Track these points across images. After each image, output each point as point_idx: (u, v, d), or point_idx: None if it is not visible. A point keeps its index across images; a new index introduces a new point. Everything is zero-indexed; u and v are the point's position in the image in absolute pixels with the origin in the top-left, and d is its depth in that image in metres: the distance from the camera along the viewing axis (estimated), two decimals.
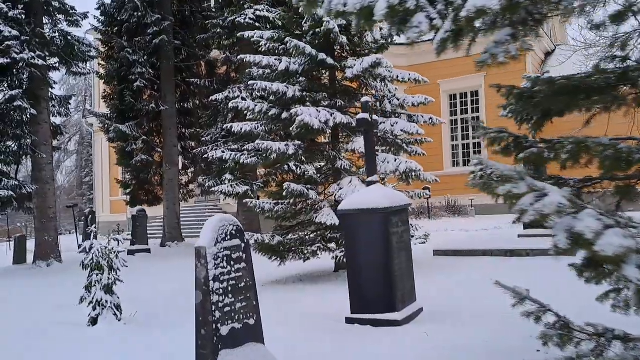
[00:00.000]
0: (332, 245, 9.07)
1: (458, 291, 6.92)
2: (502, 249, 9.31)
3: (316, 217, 8.49)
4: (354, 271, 5.56)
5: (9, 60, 13.93)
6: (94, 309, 6.60)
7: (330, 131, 8.46)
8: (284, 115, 8.80)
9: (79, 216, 24.28)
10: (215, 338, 3.73)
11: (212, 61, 20.76)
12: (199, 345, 3.77)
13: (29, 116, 14.87)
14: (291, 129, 8.52)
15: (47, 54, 15.00)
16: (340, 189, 8.44)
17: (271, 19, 16.95)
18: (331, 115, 8.40)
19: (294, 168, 16.71)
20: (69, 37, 16.21)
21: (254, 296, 4.15)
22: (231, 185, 16.80)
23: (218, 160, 16.96)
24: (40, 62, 14.52)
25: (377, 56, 8.41)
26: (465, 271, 8.27)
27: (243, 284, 4.05)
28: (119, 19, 19.61)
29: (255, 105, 8.93)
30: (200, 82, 19.43)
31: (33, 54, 14.35)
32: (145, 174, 20.60)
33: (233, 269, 3.98)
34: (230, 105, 15.92)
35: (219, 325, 3.78)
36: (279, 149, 8.43)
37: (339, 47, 9.40)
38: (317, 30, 8.70)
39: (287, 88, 8.71)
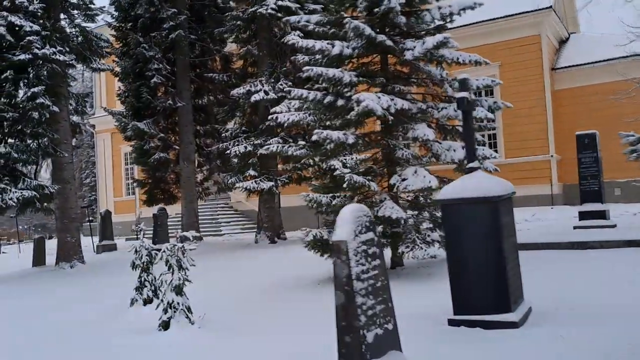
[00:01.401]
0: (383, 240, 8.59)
1: (549, 287, 6.46)
2: (569, 241, 8.85)
3: (377, 210, 8.02)
4: (458, 268, 5.09)
5: (30, 56, 13.40)
6: (165, 311, 6.11)
7: (392, 118, 7.97)
8: (339, 102, 8.33)
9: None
10: (363, 346, 3.27)
11: (227, 56, 20.26)
12: (343, 354, 3.30)
13: (47, 114, 14.34)
14: (349, 116, 8.06)
15: (67, 49, 14.47)
16: (403, 179, 7.96)
17: (293, 8, 16.48)
18: (391, 101, 7.93)
19: (320, 162, 16.29)
20: (87, 33, 15.71)
21: (389, 297, 3.69)
22: (255, 181, 16.33)
23: (241, 156, 16.48)
24: (62, 57, 13.99)
25: (444, 35, 7.91)
26: (541, 265, 7.81)
27: (380, 284, 3.60)
28: (132, 14, 19.08)
29: (309, 93, 8.44)
30: (218, 76, 18.90)
31: (54, 50, 13.82)
32: (162, 172, 20.14)
33: (370, 266, 3.52)
34: (259, 95, 15.53)
35: (364, 331, 3.32)
36: (338, 138, 7.94)
37: (389, 29, 8.89)
38: (376, 9, 8.21)
39: (343, 74, 8.22)
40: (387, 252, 9.02)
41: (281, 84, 16.48)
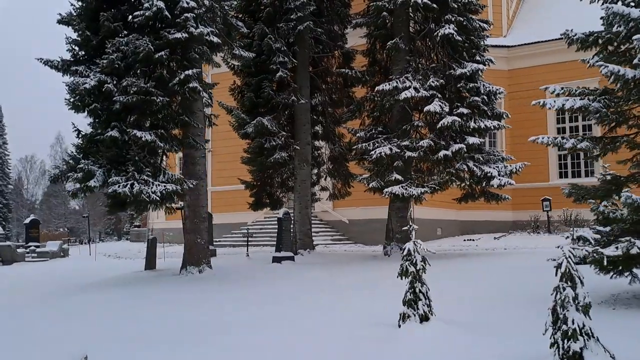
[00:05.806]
0: None
1: None
2: None
3: None
4: None
5: (186, 35, 12.07)
6: (573, 339, 4.52)
7: None
8: None
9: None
10: None
11: (349, 52, 18.85)
12: None
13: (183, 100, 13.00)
14: None
15: (217, 30, 13.15)
16: None
17: None
18: None
19: (474, 167, 14.67)
20: (228, 16, 14.41)
21: None
22: (402, 187, 14.75)
23: (382, 159, 14.93)
24: (215, 39, 12.67)
25: None
26: None
27: None
28: (254, 3, 17.84)
29: (625, 70, 6.87)
30: (351, 72, 17.48)
31: (208, 30, 12.51)
32: (275, 174, 18.75)
33: None
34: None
35: None
36: None
37: None
38: None
39: None
40: None
41: (432, 82, 14.96)
